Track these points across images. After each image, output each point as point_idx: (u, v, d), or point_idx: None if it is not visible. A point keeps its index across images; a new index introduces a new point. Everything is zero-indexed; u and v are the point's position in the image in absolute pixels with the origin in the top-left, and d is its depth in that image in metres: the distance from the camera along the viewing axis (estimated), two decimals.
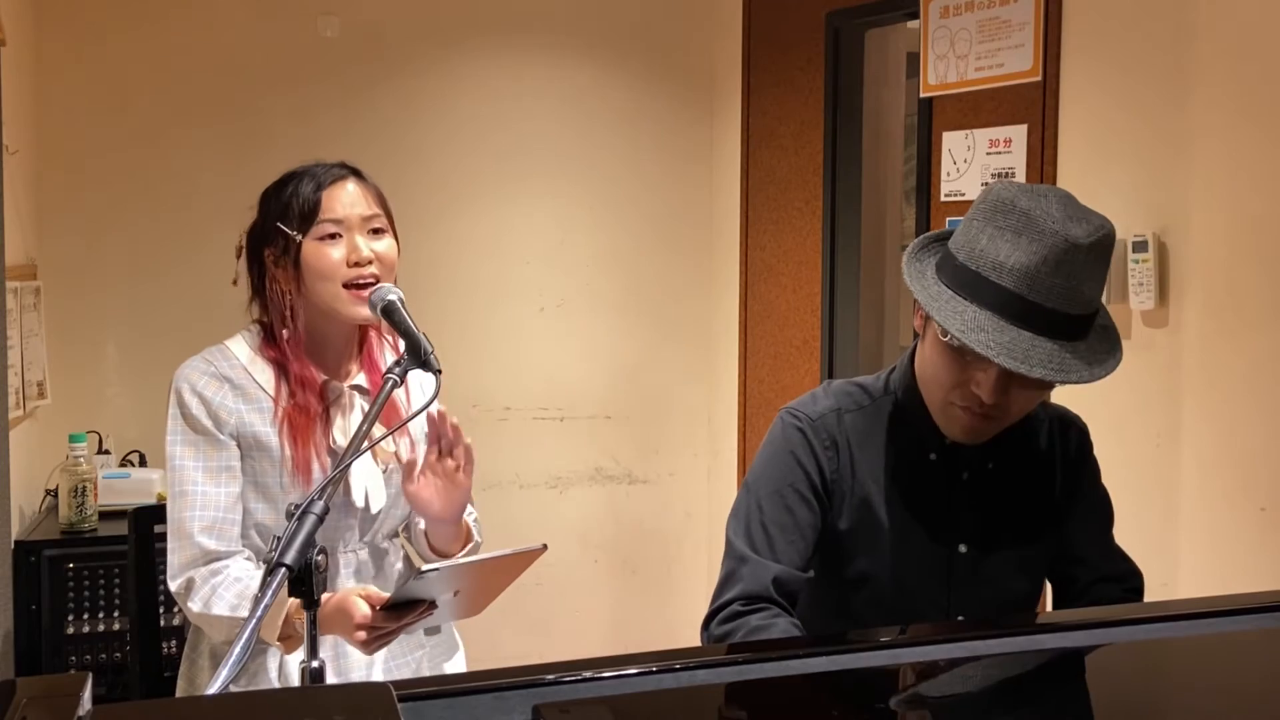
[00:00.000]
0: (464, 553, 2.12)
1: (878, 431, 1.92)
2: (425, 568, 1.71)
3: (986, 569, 1.91)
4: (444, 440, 2.03)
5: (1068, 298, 1.69)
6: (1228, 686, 1.42)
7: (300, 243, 2.01)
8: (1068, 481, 1.97)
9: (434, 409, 1.99)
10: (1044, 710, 1.40)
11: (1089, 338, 1.75)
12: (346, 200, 2.04)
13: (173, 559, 1.99)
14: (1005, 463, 1.92)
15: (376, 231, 2.05)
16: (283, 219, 2.02)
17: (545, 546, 1.84)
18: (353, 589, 1.90)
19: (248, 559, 2.02)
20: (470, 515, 2.18)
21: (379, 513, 2.10)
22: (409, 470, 2.03)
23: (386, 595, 1.84)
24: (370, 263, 2.02)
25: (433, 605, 1.82)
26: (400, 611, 1.81)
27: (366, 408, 2.10)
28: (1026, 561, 1.95)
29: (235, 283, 2.12)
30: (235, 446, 2.02)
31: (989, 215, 1.72)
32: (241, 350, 2.07)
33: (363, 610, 1.82)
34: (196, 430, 2.01)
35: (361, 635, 1.83)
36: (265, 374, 2.05)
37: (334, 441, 2.06)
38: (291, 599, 1.79)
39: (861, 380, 1.98)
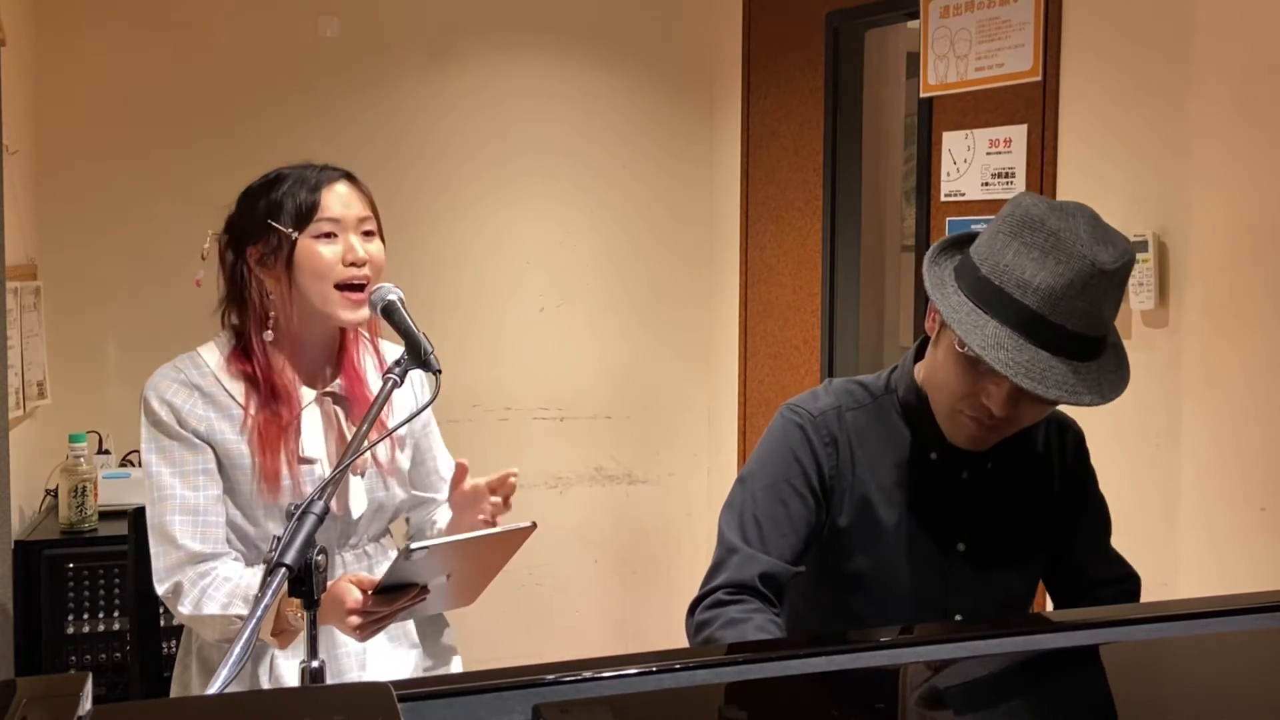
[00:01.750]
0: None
1: (878, 430, 1.92)
2: (413, 546, 1.69)
3: (984, 568, 1.92)
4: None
5: (1088, 320, 1.70)
6: (1228, 686, 1.42)
7: (295, 240, 2.00)
8: (1066, 484, 1.98)
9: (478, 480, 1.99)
10: (1044, 710, 1.40)
11: (1101, 357, 1.75)
12: (343, 198, 2.03)
13: (157, 564, 1.98)
14: (1004, 463, 1.93)
15: (369, 234, 2.05)
16: (274, 216, 2.01)
17: (534, 525, 1.83)
18: (344, 576, 1.90)
19: (235, 559, 2.01)
20: None
21: (360, 519, 2.09)
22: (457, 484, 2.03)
23: (377, 579, 1.82)
24: (365, 264, 2.01)
25: (425, 590, 1.81)
26: (392, 596, 1.80)
27: (340, 414, 2.09)
28: (1023, 561, 1.96)
29: (199, 284, 2.11)
30: (210, 450, 2.01)
31: (1016, 230, 1.72)
32: (212, 357, 2.06)
33: (354, 596, 1.81)
34: (170, 436, 2.00)
35: (354, 620, 1.82)
36: (235, 382, 2.03)
37: (303, 451, 2.04)
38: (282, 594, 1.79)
39: (863, 379, 1.98)
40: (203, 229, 3.92)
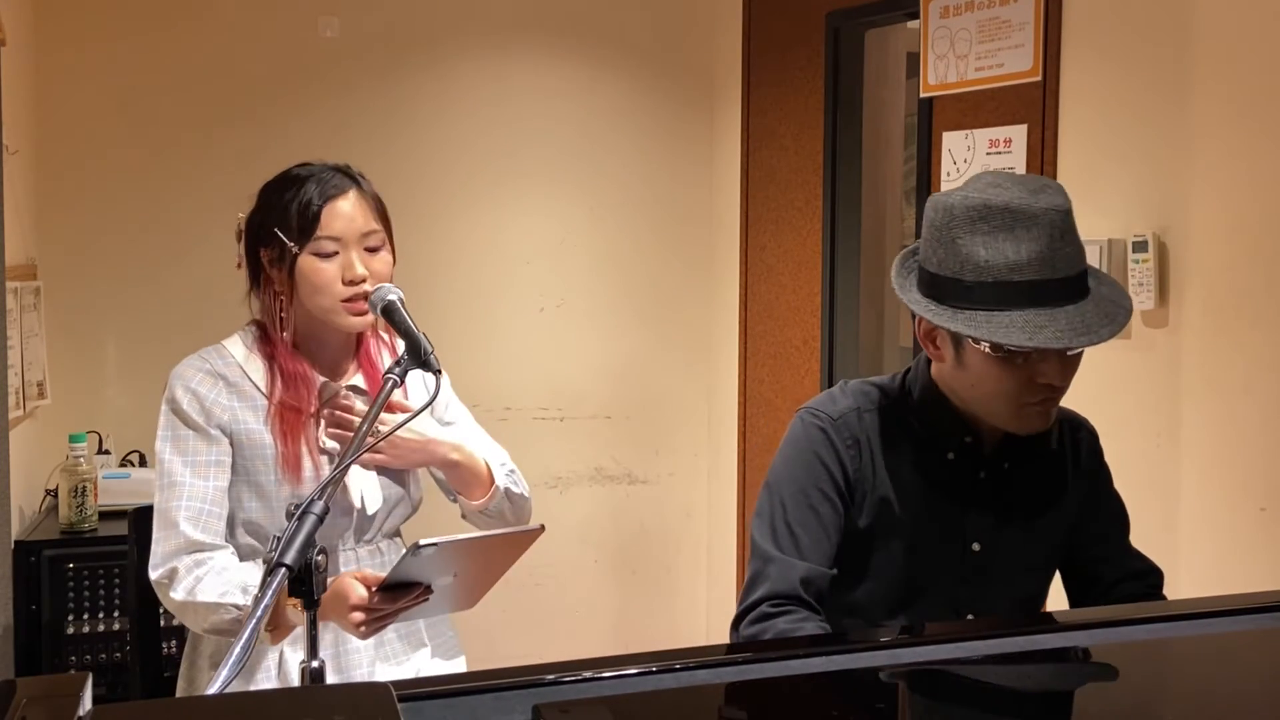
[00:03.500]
0: (488, 497, 2.14)
1: (895, 431, 1.93)
2: (422, 543, 1.70)
3: (998, 567, 1.92)
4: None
5: (1077, 258, 1.75)
6: (1228, 686, 1.42)
7: (296, 254, 2.01)
8: (1081, 483, 1.98)
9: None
10: (1044, 710, 1.40)
11: (1094, 282, 1.80)
12: (346, 215, 2.03)
13: (156, 548, 1.99)
14: (1020, 462, 1.93)
15: (373, 249, 2.05)
16: (281, 226, 2.02)
17: (543, 527, 1.84)
18: (349, 572, 1.90)
19: (232, 554, 2.02)
20: (503, 465, 2.20)
21: (375, 514, 2.10)
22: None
23: (382, 576, 1.83)
24: (364, 281, 2.02)
25: (428, 590, 1.81)
26: (396, 594, 1.81)
27: (362, 407, 2.10)
28: (1037, 560, 1.97)
29: (240, 265, 2.13)
30: (226, 442, 2.02)
31: (969, 225, 1.73)
32: (238, 349, 2.08)
33: (359, 592, 1.82)
34: (187, 425, 2.01)
35: (358, 617, 1.82)
36: (260, 372, 2.06)
37: (323, 442, 2.06)
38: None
39: (877, 380, 1.99)
40: (202, 228, 3.92)
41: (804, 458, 1.91)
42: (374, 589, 1.81)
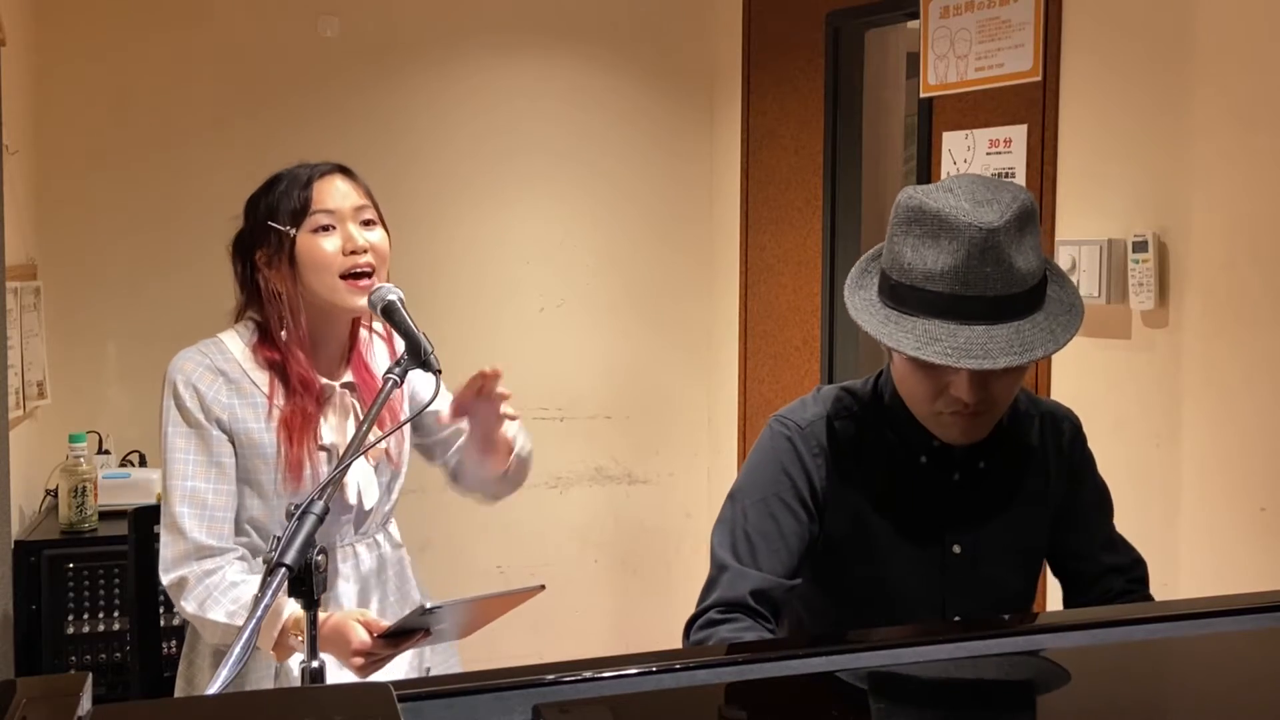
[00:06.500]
0: (509, 464, 2.18)
1: (868, 436, 1.92)
2: (429, 604, 1.73)
3: (980, 568, 1.92)
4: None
5: (1004, 280, 1.70)
6: (1228, 686, 1.42)
7: (294, 237, 2.01)
8: (1063, 476, 1.97)
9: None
10: (1043, 711, 1.40)
11: (1045, 307, 1.75)
12: (337, 193, 2.05)
13: (165, 552, 2.00)
14: (996, 461, 1.92)
15: (368, 223, 2.07)
16: (273, 217, 2.03)
17: (543, 587, 1.87)
18: (351, 613, 1.90)
19: (241, 558, 2.02)
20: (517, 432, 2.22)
21: (372, 509, 2.11)
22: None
23: (384, 624, 1.85)
24: (366, 251, 2.03)
25: (427, 633, 1.85)
26: (397, 639, 1.84)
27: (356, 405, 2.11)
28: (1020, 560, 1.96)
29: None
30: (228, 441, 2.02)
31: (905, 226, 1.74)
32: (236, 345, 2.07)
33: (360, 637, 1.83)
34: (190, 423, 2.01)
35: (358, 661, 1.84)
36: (260, 371, 2.06)
37: (321, 439, 2.06)
38: (289, 611, 1.82)
39: (850, 385, 1.99)
40: (202, 228, 3.91)
41: (768, 468, 1.91)
42: (375, 635, 1.83)
